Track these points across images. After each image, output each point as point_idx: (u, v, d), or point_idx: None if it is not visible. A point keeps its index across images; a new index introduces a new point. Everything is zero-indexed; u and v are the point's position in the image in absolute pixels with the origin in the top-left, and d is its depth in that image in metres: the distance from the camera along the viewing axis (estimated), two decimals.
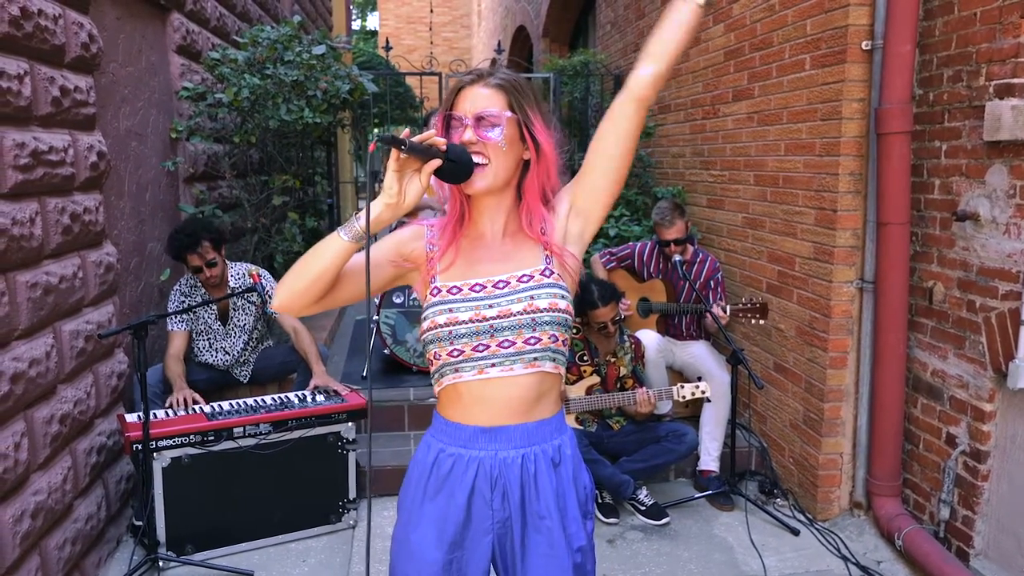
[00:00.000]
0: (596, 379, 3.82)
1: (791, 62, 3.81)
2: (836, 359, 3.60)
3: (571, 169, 1.75)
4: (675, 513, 3.77)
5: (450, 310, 1.59)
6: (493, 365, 1.58)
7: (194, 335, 3.88)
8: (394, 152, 1.45)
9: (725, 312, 3.87)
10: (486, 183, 1.57)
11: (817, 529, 3.62)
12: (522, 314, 1.58)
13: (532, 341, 1.58)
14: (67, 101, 3.02)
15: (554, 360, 1.62)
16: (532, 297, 1.59)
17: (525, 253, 1.65)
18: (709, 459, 4.01)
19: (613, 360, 3.85)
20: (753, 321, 3.85)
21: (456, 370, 1.60)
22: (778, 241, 4.00)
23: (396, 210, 1.50)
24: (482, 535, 1.66)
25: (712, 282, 4.20)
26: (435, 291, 1.64)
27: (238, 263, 3.97)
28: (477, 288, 1.61)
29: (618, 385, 3.88)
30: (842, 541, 3.50)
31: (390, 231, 1.95)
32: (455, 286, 1.62)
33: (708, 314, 3.90)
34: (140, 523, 3.29)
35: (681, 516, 3.77)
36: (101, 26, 3.54)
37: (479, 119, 1.55)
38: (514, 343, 1.58)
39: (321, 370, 3.83)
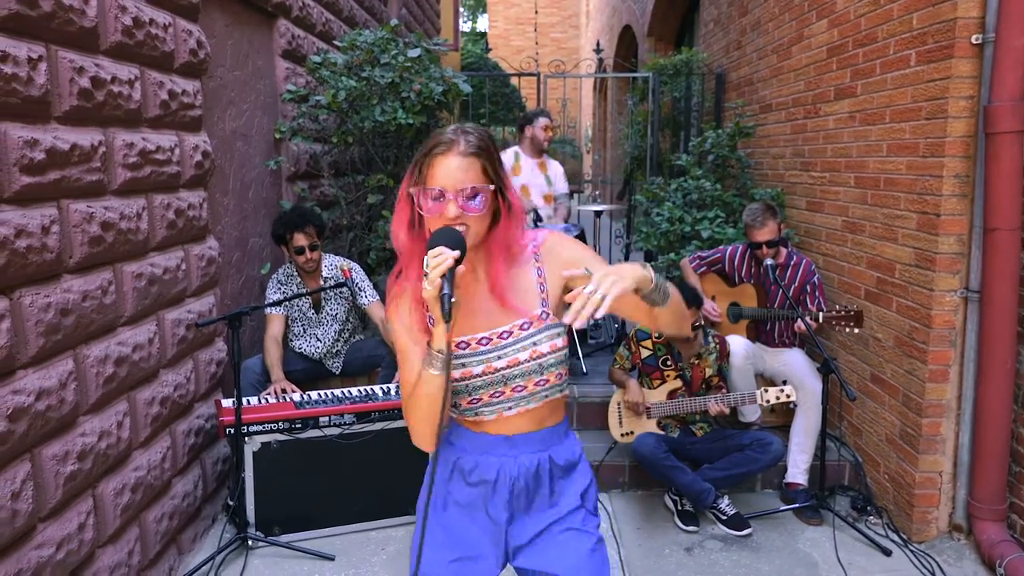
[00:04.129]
0: (679, 383, 3.76)
1: (895, 58, 3.62)
2: (937, 372, 3.40)
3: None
4: (758, 525, 3.66)
5: (463, 365, 1.69)
6: (510, 408, 1.73)
7: (290, 321, 4.07)
8: (431, 287, 1.48)
9: (817, 320, 3.72)
10: (469, 244, 1.59)
11: (912, 551, 3.43)
12: (529, 361, 1.69)
13: (541, 383, 1.72)
14: (175, 104, 3.22)
15: (561, 391, 1.77)
16: (535, 343, 1.69)
17: (521, 297, 1.70)
18: (797, 471, 3.86)
19: (697, 362, 3.78)
20: (847, 329, 3.68)
21: (476, 413, 1.74)
22: (878, 246, 3.81)
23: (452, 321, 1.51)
24: (496, 536, 1.79)
25: (808, 286, 4.05)
26: (460, 344, 1.70)
27: (332, 256, 4.13)
28: (484, 342, 1.69)
29: (704, 386, 3.80)
30: (938, 565, 3.31)
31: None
32: (463, 341, 1.69)
33: (799, 321, 3.76)
34: (233, 503, 3.48)
35: (764, 528, 3.65)
36: (210, 32, 3.76)
37: (459, 193, 1.57)
38: (525, 387, 1.71)
39: None
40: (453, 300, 1.46)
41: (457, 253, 1.50)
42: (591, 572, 1.75)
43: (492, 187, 1.62)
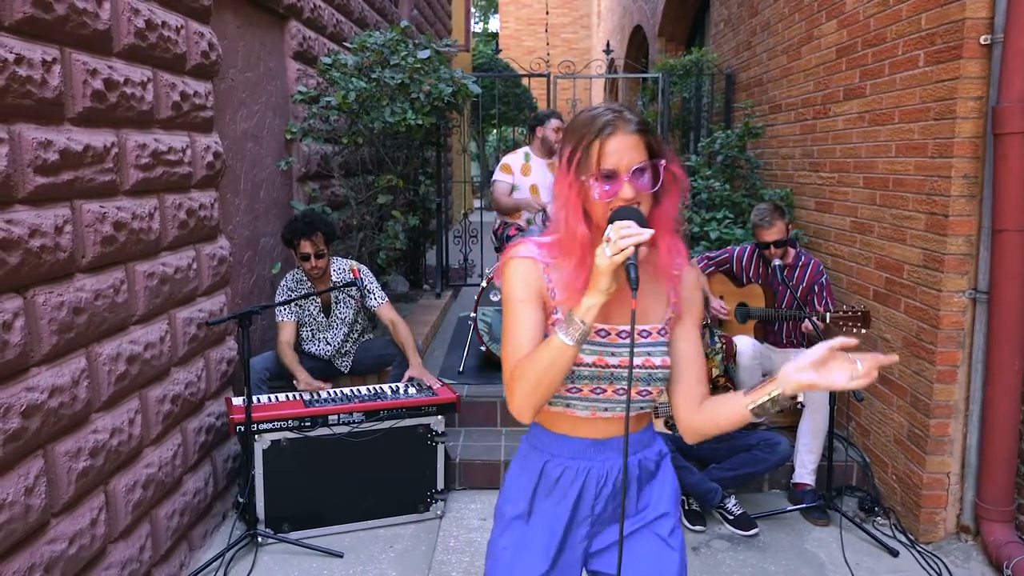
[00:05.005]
0: None
1: (904, 59, 3.62)
2: (944, 373, 3.40)
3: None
4: (765, 525, 3.67)
5: None
6: (606, 409, 1.66)
7: (300, 326, 4.10)
8: (619, 255, 1.42)
9: (825, 320, 3.72)
10: (649, 237, 1.47)
11: (919, 551, 3.42)
12: (640, 368, 1.63)
13: (644, 393, 1.64)
14: (186, 105, 3.26)
15: (654, 404, 1.71)
16: (650, 354, 1.64)
17: (650, 304, 1.66)
18: (804, 472, 3.86)
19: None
20: (855, 330, 3.68)
21: (568, 404, 1.65)
22: (886, 247, 3.81)
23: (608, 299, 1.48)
24: (579, 542, 1.73)
25: (816, 287, 4.05)
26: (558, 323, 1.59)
27: (340, 259, 4.16)
28: (602, 334, 1.63)
29: (710, 386, 3.80)
30: (945, 566, 3.30)
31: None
32: None
33: (807, 321, 3.76)
34: (243, 500, 3.51)
35: (772, 528, 3.66)
36: (222, 34, 3.80)
37: (635, 172, 1.51)
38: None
39: (417, 362, 3.96)
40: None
41: (651, 232, 1.44)
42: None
43: (663, 161, 1.54)
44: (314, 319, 4.09)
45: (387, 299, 4.17)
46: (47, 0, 2.36)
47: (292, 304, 4.00)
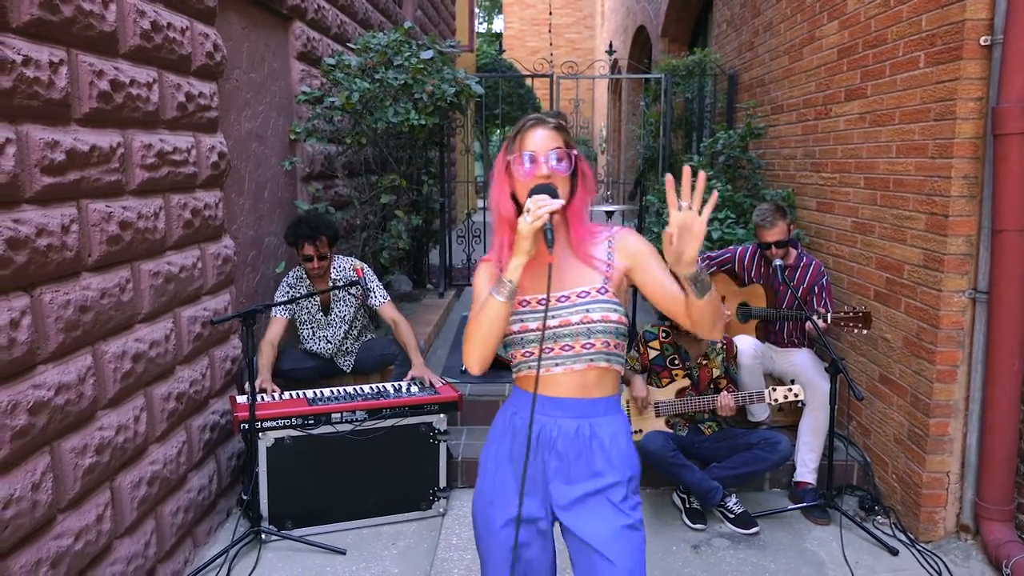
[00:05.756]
0: (687, 382, 3.79)
1: (905, 60, 3.64)
2: (944, 372, 3.41)
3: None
4: (766, 524, 3.69)
5: (521, 320, 1.91)
6: (557, 364, 1.91)
7: (299, 324, 4.13)
8: (537, 221, 1.73)
9: (826, 320, 3.74)
10: (559, 206, 1.80)
11: (919, 550, 3.44)
12: (579, 324, 1.88)
13: (588, 346, 1.89)
14: (191, 106, 3.29)
15: (608, 360, 1.92)
16: (587, 310, 1.88)
17: (586, 272, 1.93)
18: (805, 471, 3.88)
19: (705, 362, 3.80)
20: (855, 331, 3.69)
21: (529, 367, 1.94)
22: (887, 247, 3.82)
23: (529, 259, 1.79)
24: (539, 487, 1.93)
25: (816, 287, 4.06)
26: (523, 303, 1.93)
27: (341, 258, 4.18)
28: (543, 302, 1.90)
29: (712, 387, 3.83)
30: (945, 565, 3.32)
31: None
32: (525, 299, 1.92)
33: (808, 321, 3.78)
34: (247, 497, 3.54)
35: (772, 527, 3.67)
36: (227, 35, 3.82)
37: (548, 157, 1.84)
38: (572, 347, 1.89)
39: (419, 361, 3.98)
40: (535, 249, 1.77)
41: (562, 203, 1.78)
42: (624, 548, 1.84)
43: (574, 152, 1.88)
44: (313, 317, 4.12)
45: (389, 298, 4.20)
46: (54, 2, 2.39)
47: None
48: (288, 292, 4.04)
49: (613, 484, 1.89)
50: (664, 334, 3.86)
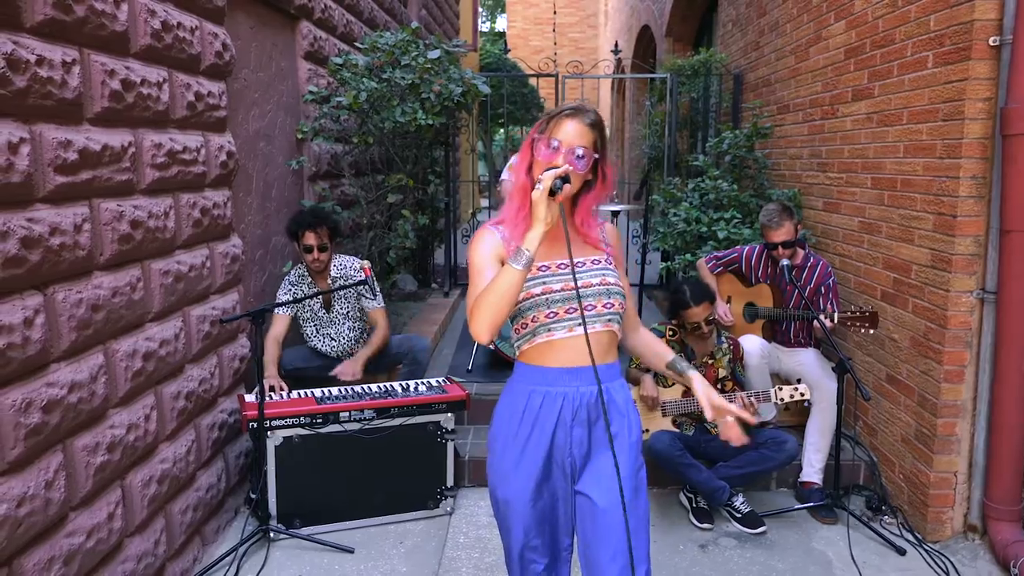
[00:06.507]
0: None
1: (913, 60, 3.64)
2: (952, 372, 3.41)
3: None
4: (773, 523, 3.69)
5: (544, 282, 2.01)
6: (579, 325, 2.00)
7: (302, 322, 4.15)
8: (547, 182, 1.83)
9: (833, 320, 3.74)
10: (564, 195, 1.90)
11: (926, 550, 3.44)
12: (599, 285, 2.04)
13: (608, 306, 2.04)
14: (201, 105, 3.30)
15: (618, 322, 2.09)
16: (604, 274, 2.06)
17: (589, 248, 2.11)
18: (812, 471, 3.88)
19: (711, 362, 3.81)
20: (862, 331, 3.70)
21: (549, 330, 2.01)
22: (894, 247, 3.83)
23: (548, 230, 1.86)
24: (563, 458, 2.04)
25: (823, 287, 4.06)
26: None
27: (342, 256, 4.18)
28: (563, 266, 2.03)
29: (718, 387, 3.83)
30: (952, 565, 3.32)
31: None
32: (544, 265, 2.03)
33: (815, 321, 3.78)
34: (255, 496, 3.55)
35: (779, 527, 3.68)
36: (235, 35, 3.83)
37: (571, 150, 1.94)
38: (595, 307, 2.03)
39: (357, 359, 3.98)
40: (548, 221, 1.84)
41: (570, 168, 1.89)
42: (625, 479, 1.96)
43: (596, 155, 1.99)
44: (315, 314, 4.14)
45: (384, 305, 4.21)
46: (67, 2, 2.39)
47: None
48: (290, 290, 4.05)
49: (627, 442, 2.04)
50: (671, 332, 3.86)
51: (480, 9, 18.03)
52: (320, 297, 4.10)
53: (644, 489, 2.07)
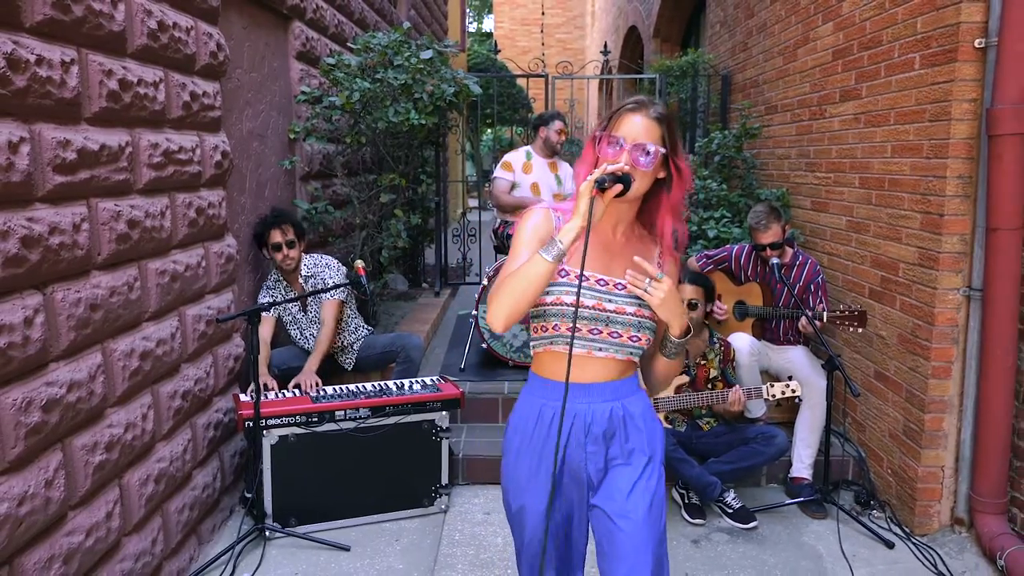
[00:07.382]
0: (686, 379, 3.83)
1: (900, 61, 3.70)
2: (939, 369, 3.47)
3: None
4: (764, 518, 3.74)
5: (582, 295, 1.88)
6: (600, 349, 1.91)
7: (286, 324, 4.20)
8: (596, 179, 1.73)
9: (822, 318, 3.80)
10: (628, 195, 1.82)
11: (914, 544, 3.50)
12: (633, 315, 1.91)
13: (634, 339, 1.92)
14: (196, 105, 3.31)
15: (639, 355, 1.98)
16: (641, 305, 1.91)
17: (648, 258, 1.94)
18: (802, 466, 3.94)
19: (703, 362, 3.85)
20: (851, 329, 3.75)
21: (567, 343, 1.89)
22: (882, 246, 3.89)
23: (584, 225, 1.76)
24: (577, 475, 1.97)
25: (812, 286, 4.12)
26: (563, 272, 1.91)
27: (312, 254, 4.19)
28: (602, 283, 1.91)
29: (708, 387, 3.87)
30: (940, 558, 3.38)
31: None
32: (592, 275, 1.91)
33: (801, 319, 3.83)
34: (251, 495, 3.56)
35: (770, 522, 3.73)
36: (229, 35, 3.84)
37: (635, 146, 1.81)
38: (621, 336, 1.91)
39: (311, 367, 3.89)
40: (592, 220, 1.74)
41: (626, 167, 1.77)
42: (639, 501, 1.90)
43: (663, 150, 1.84)
44: (294, 316, 4.18)
45: (340, 298, 4.07)
46: (66, 1, 2.40)
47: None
48: (269, 293, 4.09)
49: (643, 458, 1.96)
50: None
51: (467, 10, 18.04)
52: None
53: (662, 503, 1.99)
